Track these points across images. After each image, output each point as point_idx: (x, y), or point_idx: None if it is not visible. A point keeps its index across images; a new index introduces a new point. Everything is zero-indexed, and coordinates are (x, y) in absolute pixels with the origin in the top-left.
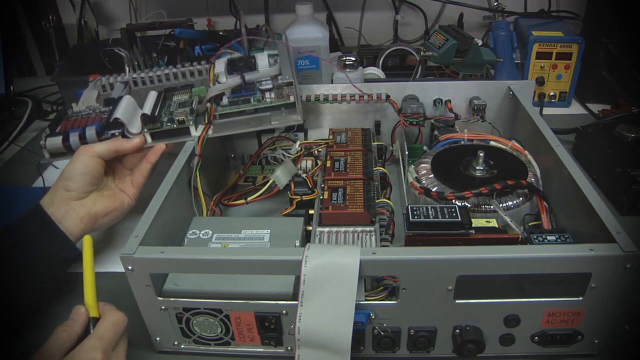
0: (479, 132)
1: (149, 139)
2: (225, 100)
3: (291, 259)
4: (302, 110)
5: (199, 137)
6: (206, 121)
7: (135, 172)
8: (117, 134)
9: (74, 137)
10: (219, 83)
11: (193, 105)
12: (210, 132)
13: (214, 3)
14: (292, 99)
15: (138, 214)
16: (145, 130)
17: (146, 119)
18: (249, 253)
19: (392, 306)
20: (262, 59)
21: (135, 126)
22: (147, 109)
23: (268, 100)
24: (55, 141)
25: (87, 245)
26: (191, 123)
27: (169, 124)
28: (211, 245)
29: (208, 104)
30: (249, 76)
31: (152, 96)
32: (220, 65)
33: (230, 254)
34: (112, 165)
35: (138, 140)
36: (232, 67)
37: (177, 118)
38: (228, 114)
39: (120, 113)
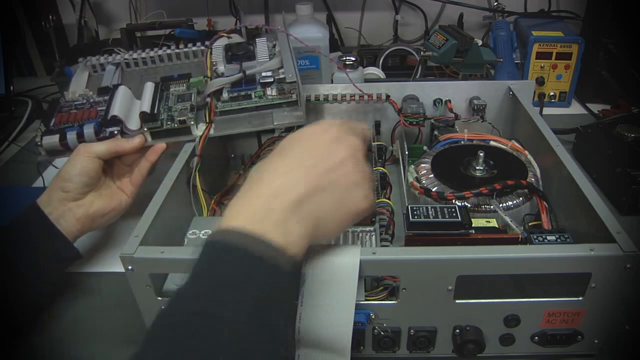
0: (479, 132)
1: (149, 138)
2: (225, 95)
3: None
4: (305, 109)
5: (201, 136)
6: (207, 119)
7: (134, 170)
8: (115, 132)
9: (71, 136)
10: (216, 74)
11: (192, 100)
12: (211, 131)
13: (214, 3)
14: (294, 97)
15: (138, 214)
16: (145, 129)
17: (145, 117)
18: None
19: (392, 306)
20: (262, 46)
21: (133, 122)
22: (146, 105)
23: (270, 97)
24: (52, 140)
25: None
26: (192, 122)
27: (169, 122)
28: None
29: (208, 99)
30: (249, 70)
31: (149, 89)
32: (218, 52)
33: None
34: (111, 161)
35: (138, 141)
36: (231, 55)
37: (178, 118)
38: (229, 111)
39: (117, 109)
